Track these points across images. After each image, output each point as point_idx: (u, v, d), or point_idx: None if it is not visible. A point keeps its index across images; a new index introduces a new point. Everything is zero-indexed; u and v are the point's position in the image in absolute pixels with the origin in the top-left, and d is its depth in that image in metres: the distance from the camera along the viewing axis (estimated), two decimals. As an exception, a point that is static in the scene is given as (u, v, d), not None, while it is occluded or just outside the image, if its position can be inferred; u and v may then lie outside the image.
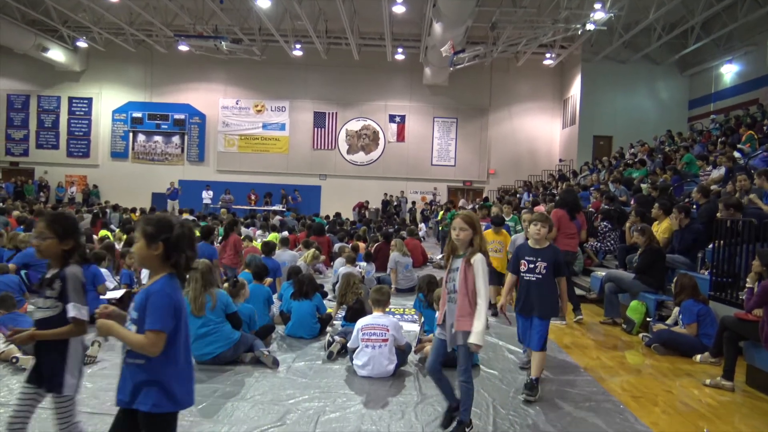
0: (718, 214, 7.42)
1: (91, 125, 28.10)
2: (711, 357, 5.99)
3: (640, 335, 7.25)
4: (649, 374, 5.76)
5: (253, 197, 26.32)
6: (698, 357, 6.13)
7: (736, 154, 12.81)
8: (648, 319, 7.39)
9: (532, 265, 4.87)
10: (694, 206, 9.63)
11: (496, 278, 7.92)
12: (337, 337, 5.94)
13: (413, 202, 27.20)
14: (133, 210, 20.66)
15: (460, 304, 3.77)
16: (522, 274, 4.93)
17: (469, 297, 3.75)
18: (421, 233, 19.22)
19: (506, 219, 8.10)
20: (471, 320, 3.73)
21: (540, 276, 4.84)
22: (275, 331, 6.66)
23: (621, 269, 8.94)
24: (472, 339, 3.68)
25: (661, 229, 8.62)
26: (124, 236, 11.46)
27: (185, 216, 17.52)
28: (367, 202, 26.20)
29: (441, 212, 20.76)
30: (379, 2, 18.67)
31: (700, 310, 6.35)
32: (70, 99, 28.09)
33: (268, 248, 9.04)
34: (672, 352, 6.43)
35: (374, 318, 5.47)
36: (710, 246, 7.56)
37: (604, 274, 8.75)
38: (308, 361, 5.73)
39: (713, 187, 10.36)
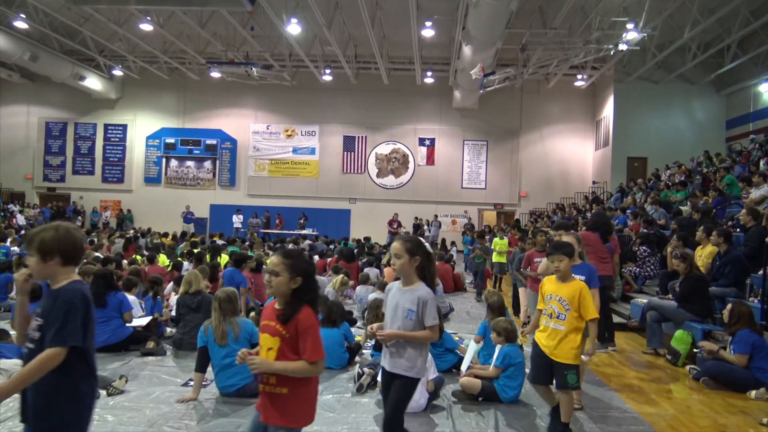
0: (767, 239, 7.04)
1: (126, 151, 28.62)
2: (767, 393, 5.58)
3: (687, 367, 6.83)
4: (699, 411, 5.38)
5: (277, 221, 26.25)
6: (753, 393, 5.71)
7: (781, 175, 12.31)
8: (695, 350, 6.98)
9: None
10: (738, 230, 9.22)
11: None
12: (366, 369, 5.70)
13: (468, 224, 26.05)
14: (165, 235, 20.79)
15: None
16: None
17: None
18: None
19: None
20: None
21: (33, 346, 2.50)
22: (303, 361, 6.44)
23: (662, 295, 8.54)
24: None
25: (705, 253, 8.23)
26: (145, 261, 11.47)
27: (216, 240, 17.55)
28: (399, 220, 25.90)
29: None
30: (408, 26, 18.67)
31: (756, 342, 5.93)
32: (106, 126, 28.68)
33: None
34: (722, 387, 6.02)
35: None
36: (759, 272, 7.16)
37: (645, 301, 8.36)
38: (336, 393, 5.50)
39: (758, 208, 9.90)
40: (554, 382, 4.41)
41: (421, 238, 3.55)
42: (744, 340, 6.00)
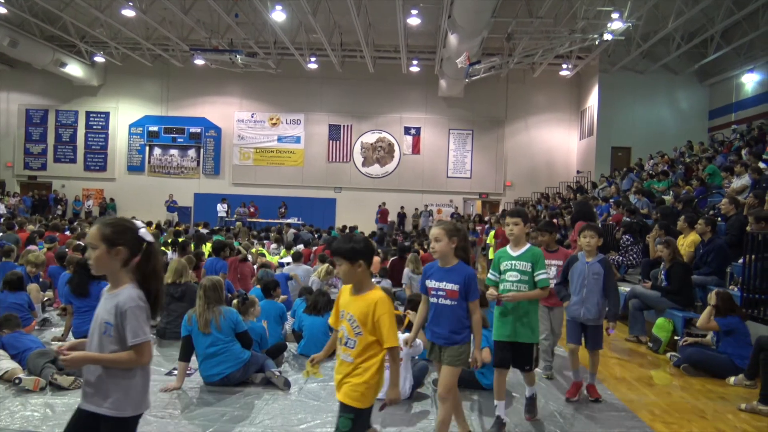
0: (748, 228, 7.13)
1: (108, 139, 28.27)
2: (746, 379, 5.67)
3: (668, 354, 6.94)
4: (679, 397, 5.46)
5: (252, 209, 25.99)
6: (732, 379, 5.81)
7: (762, 165, 12.46)
8: (675, 337, 7.08)
9: None
10: (720, 219, 9.33)
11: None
12: (351, 357, 5.71)
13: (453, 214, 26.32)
14: (149, 224, 20.60)
15: None
16: None
17: None
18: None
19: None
20: None
21: None
22: (287, 350, 6.45)
23: (644, 283, 8.63)
24: None
25: (686, 242, 8.32)
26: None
27: (199, 229, 17.47)
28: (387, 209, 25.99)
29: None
30: (394, 15, 18.56)
31: (740, 329, 6.01)
32: (88, 113, 28.30)
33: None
34: (702, 374, 6.12)
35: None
36: (740, 260, 7.26)
37: (628, 289, 8.45)
38: (321, 381, 5.51)
39: (739, 197, 10.02)
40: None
41: (135, 226, 2.67)
42: (728, 322, 6.04)
